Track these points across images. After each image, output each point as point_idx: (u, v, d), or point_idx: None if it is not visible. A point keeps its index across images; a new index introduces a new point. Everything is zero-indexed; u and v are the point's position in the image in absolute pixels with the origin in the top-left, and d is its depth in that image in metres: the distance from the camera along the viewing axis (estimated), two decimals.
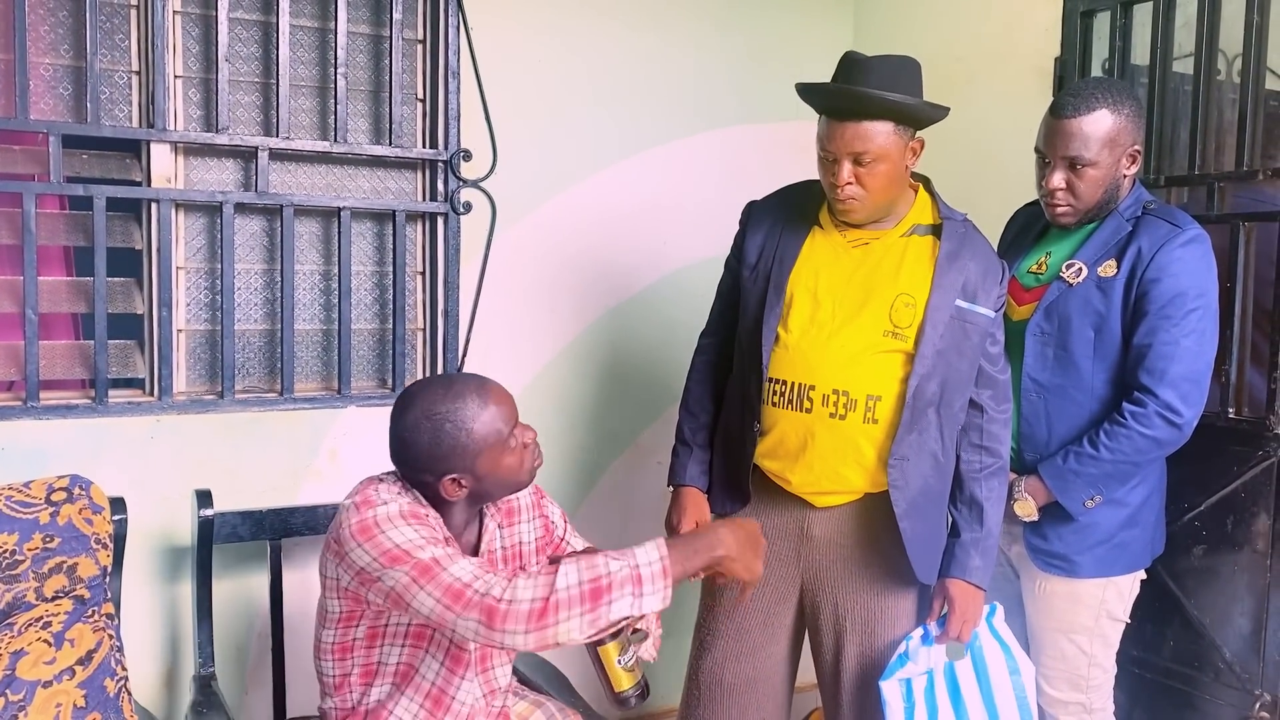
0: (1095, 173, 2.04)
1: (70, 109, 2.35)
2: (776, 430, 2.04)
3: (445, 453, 1.68)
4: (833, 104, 1.94)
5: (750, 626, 2.16)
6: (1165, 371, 1.99)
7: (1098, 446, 2.04)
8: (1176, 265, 2.00)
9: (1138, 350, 2.03)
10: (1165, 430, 2.01)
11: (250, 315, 2.57)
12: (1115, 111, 2.02)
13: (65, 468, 2.17)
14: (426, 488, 1.73)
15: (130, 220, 2.43)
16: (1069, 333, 2.09)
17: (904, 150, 1.95)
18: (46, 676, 1.91)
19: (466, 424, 1.69)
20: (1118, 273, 2.05)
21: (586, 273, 2.92)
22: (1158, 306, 2.00)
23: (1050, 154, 2.07)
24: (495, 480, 1.74)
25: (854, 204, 1.96)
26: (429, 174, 2.71)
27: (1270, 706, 2.20)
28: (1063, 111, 2.03)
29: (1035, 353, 2.13)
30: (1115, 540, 2.12)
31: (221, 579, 2.34)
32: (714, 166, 3.05)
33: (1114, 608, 2.16)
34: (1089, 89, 2.04)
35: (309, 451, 2.54)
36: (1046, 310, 2.11)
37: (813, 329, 2.01)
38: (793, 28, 3.13)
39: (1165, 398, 1.99)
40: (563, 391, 2.91)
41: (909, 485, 2.01)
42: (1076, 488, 2.07)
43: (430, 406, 1.69)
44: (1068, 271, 2.10)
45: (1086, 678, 2.17)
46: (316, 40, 2.60)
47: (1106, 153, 2.03)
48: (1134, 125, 2.05)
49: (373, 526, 1.62)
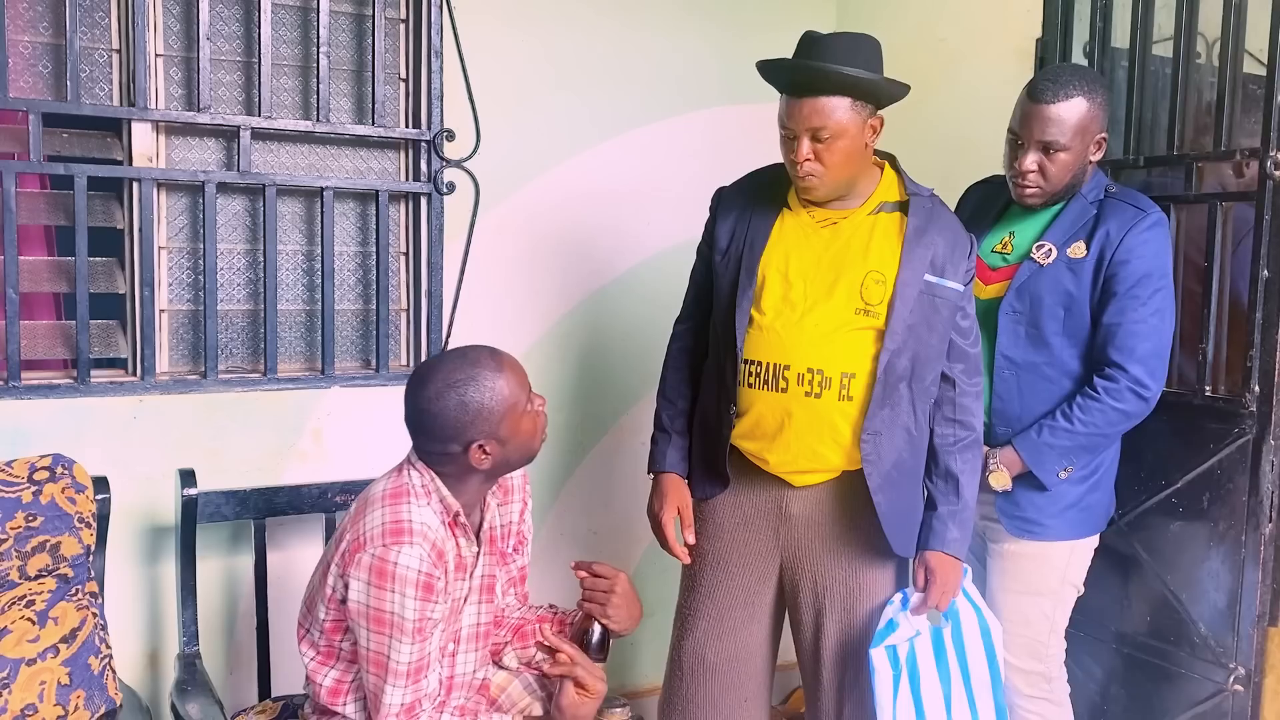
0: (1067, 157, 2.10)
1: (50, 87, 2.33)
2: (753, 411, 2.05)
3: (472, 418, 1.71)
4: (790, 80, 1.97)
5: (731, 606, 2.17)
6: (1134, 349, 2.09)
7: (1071, 420, 2.12)
8: (1143, 247, 2.09)
9: (1107, 328, 2.11)
10: (1135, 403, 2.10)
11: (233, 295, 2.56)
12: (1090, 99, 2.08)
13: (48, 447, 2.16)
14: (451, 460, 1.75)
15: (112, 199, 2.42)
16: (1040, 311, 2.16)
17: (862, 127, 1.96)
18: (30, 654, 1.92)
19: (490, 387, 1.72)
20: (1087, 254, 2.12)
21: (570, 254, 2.93)
22: (1126, 287, 2.09)
23: (1025, 136, 2.11)
24: (516, 445, 1.78)
25: (813, 180, 1.98)
26: (412, 154, 2.71)
27: (1244, 679, 2.24)
28: (1041, 96, 2.08)
29: (1008, 331, 2.19)
30: (1082, 504, 2.21)
31: (205, 558, 2.34)
32: (697, 148, 3.05)
33: (1075, 574, 2.24)
34: (1066, 75, 2.10)
35: (293, 432, 2.54)
36: (1018, 290, 2.17)
37: (786, 309, 2.02)
38: (776, 8, 3.13)
39: (1135, 373, 2.08)
40: (546, 373, 2.91)
41: (882, 459, 2.03)
42: (1050, 459, 2.15)
43: (450, 375, 1.72)
44: (1038, 252, 2.17)
45: (1046, 645, 2.24)
46: (299, 19, 2.58)
47: (1079, 139, 2.09)
48: (1104, 114, 2.12)
49: (388, 578, 1.65)
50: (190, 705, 2.04)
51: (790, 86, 1.97)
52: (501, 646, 2.00)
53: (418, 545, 1.67)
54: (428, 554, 1.67)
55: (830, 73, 1.91)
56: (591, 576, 1.91)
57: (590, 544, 3.00)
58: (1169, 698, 2.35)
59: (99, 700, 2.01)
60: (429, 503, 1.74)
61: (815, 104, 1.92)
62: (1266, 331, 2.21)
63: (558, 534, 2.96)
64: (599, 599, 1.88)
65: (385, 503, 1.72)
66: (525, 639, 1.99)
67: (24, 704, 1.88)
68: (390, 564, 1.65)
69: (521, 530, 2.00)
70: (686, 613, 2.22)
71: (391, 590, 1.64)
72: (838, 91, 1.92)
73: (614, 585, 1.89)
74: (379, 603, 1.65)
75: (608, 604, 1.88)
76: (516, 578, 2.02)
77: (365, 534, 1.69)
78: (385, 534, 1.67)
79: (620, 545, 3.03)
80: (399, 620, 1.65)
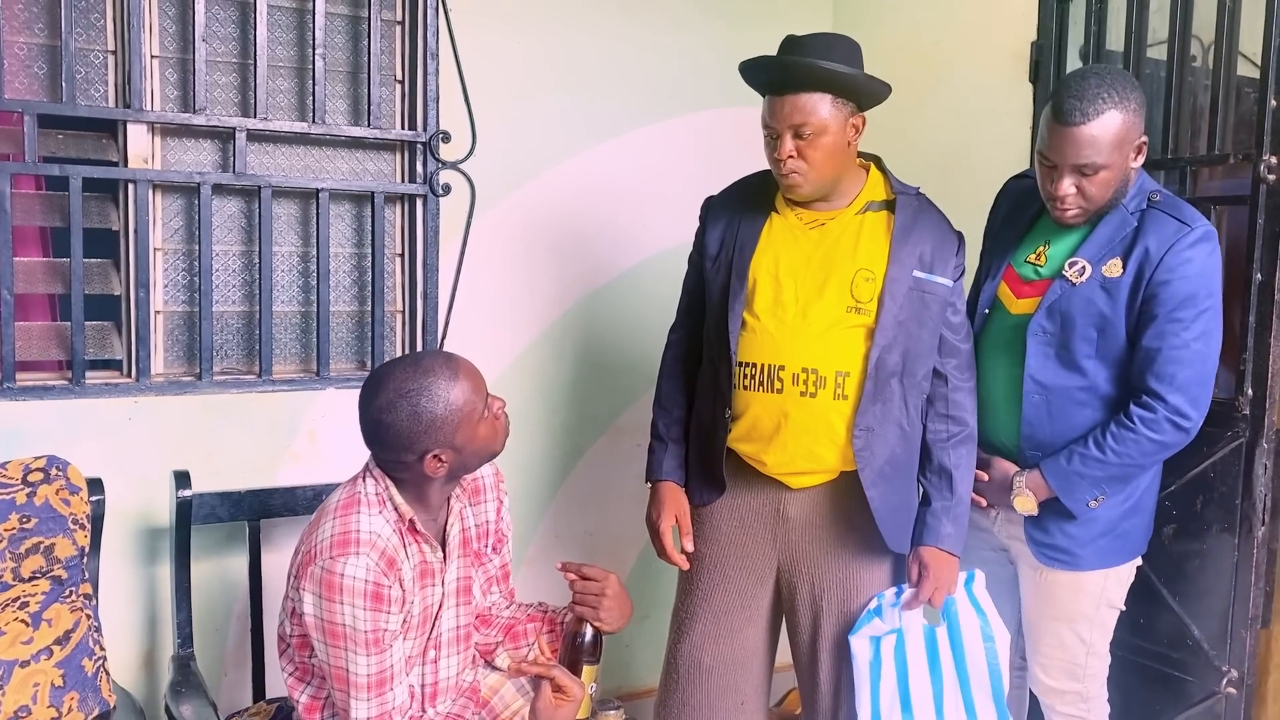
0: (1106, 175, 1.93)
1: (45, 88, 2.33)
2: (749, 413, 2.06)
3: (424, 428, 1.69)
4: (771, 78, 1.99)
5: (728, 609, 2.17)
6: (1175, 376, 1.94)
7: (1104, 450, 1.99)
8: (1186, 266, 1.92)
9: (1146, 353, 1.96)
10: (1173, 434, 1.97)
11: (228, 297, 2.56)
12: (1123, 109, 1.90)
13: (42, 449, 2.16)
14: (406, 469, 1.74)
15: (107, 201, 2.42)
16: (1071, 332, 2.02)
17: (844, 124, 1.98)
18: (24, 656, 1.91)
19: (443, 396, 1.70)
20: (1124, 273, 1.97)
21: (566, 256, 2.93)
22: (1167, 310, 1.93)
23: (1057, 160, 1.94)
24: (473, 451, 1.76)
25: (797, 178, 2.00)
26: (408, 156, 2.71)
27: (1237, 682, 2.24)
28: (1070, 118, 1.90)
29: (1038, 354, 2.05)
30: (1117, 530, 2.09)
31: (200, 560, 2.34)
32: (694, 150, 3.05)
33: (1114, 596, 2.14)
34: (1093, 88, 1.90)
35: (288, 433, 2.54)
36: (1049, 310, 2.04)
37: (778, 310, 2.04)
38: (772, 10, 3.13)
39: (1175, 402, 1.94)
40: (542, 374, 2.92)
41: (875, 456, 2.03)
42: (1080, 489, 2.02)
43: (402, 385, 1.70)
44: (1070, 270, 2.02)
45: (1084, 666, 2.16)
46: (294, 21, 2.58)
47: (1116, 153, 1.91)
48: (1140, 117, 1.93)
49: (336, 590, 1.64)
50: (184, 707, 2.04)
51: (771, 85, 1.99)
52: (493, 647, 2.00)
53: (364, 555, 1.66)
54: (375, 563, 1.66)
55: (810, 68, 1.93)
56: (581, 579, 1.90)
57: (586, 545, 3.00)
58: (1163, 700, 2.36)
59: (93, 702, 2.00)
60: (381, 511, 1.73)
61: (796, 101, 1.95)
62: (1259, 335, 2.21)
63: (553, 536, 2.96)
64: (590, 602, 1.88)
65: (336, 514, 1.72)
66: (517, 639, 2.00)
67: (17, 706, 1.88)
68: (337, 575, 1.64)
69: (500, 528, 2.00)
70: (683, 615, 2.22)
71: (340, 602, 1.64)
72: (817, 88, 1.94)
73: (605, 588, 1.88)
74: (330, 615, 1.65)
75: (600, 607, 1.88)
76: (498, 575, 2.02)
77: (316, 546, 1.69)
78: (333, 545, 1.67)
79: (616, 547, 3.03)
80: (352, 632, 1.64)
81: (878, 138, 2.30)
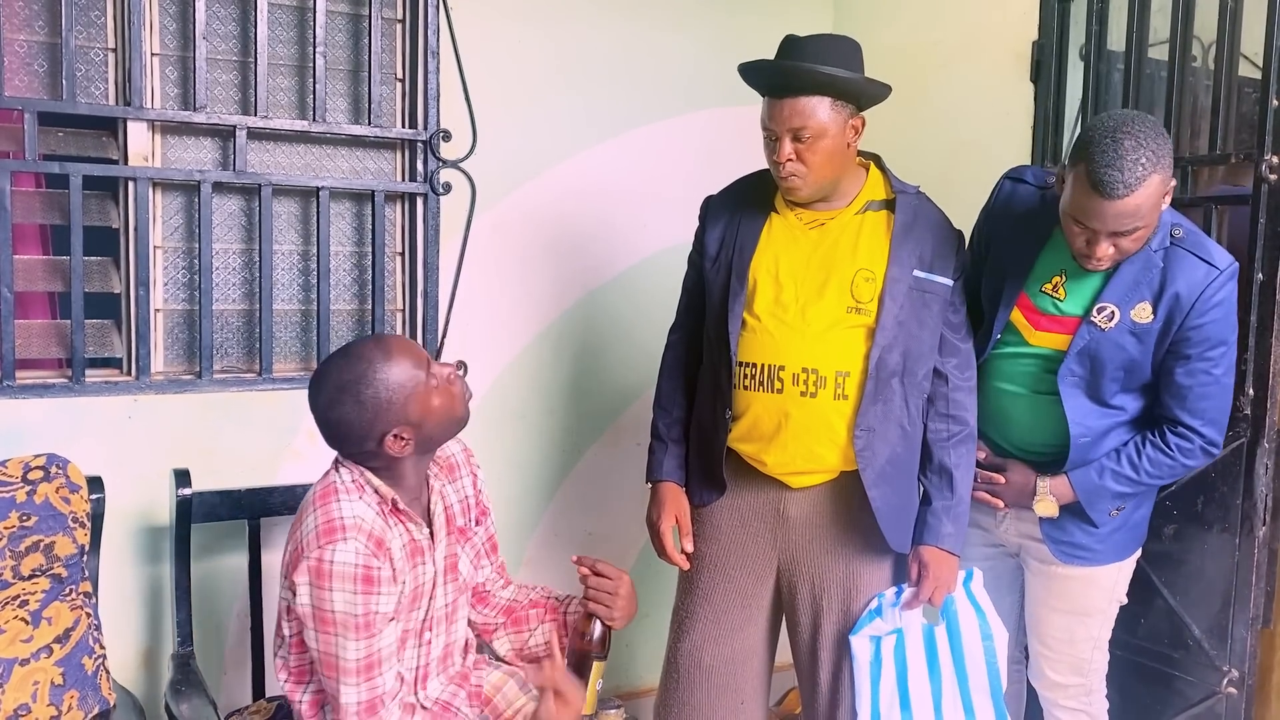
0: (1144, 231, 1.90)
1: (46, 86, 2.33)
2: (750, 413, 2.06)
3: (374, 414, 1.70)
4: (770, 81, 1.99)
5: (728, 608, 2.17)
6: (1207, 411, 2.01)
7: (1139, 471, 2.05)
8: (1217, 309, 1.95)
9: (1179, 389, 2.01)
10: (1203, 459, 2.06)
11: (228, 295, 2.56)
12: (1161, 169, 1.82)
13: (42, 447, 2.16)
14: (374, 456, 1.75)
15: (107, 199, 2.42)
16: (1101, 375, 2.03)
17: (843, 126, 1.98)
18: (24, 654, 1.91)
19: (381, 379, 1.70)
20: (1154, 319, 1.97)
21: (567, 255, 2.93)
22: (1200, 351, 1.97)
23: (1097, 229, 1.87)
24: (434, 423, 1.76)
25: (796, 181, 1.99)
26: (408, 154, 2.70)
27: (1237, 682, 2.24)
28: (1113, 191, 1.80)
29: (1074, 398, 2.06)
30: (1129, 524, 2.15)
31: (200, 558, 2.34)
32: (694, 149, 3.05)
33: (1122, 588, 2.19)
34: (1131, 154, 1.80)
35: (288, 432, 2.54)
36: (1078, 355, 2.03)
37: (778, 310, 2.04)
38: (773, 9, 3.13)
39: (1209, 435, 2.02)
40: (542, 373, 2.91)
41: (876, 455, 2.03)
42: (1106, 500, 2.08)
43: (338, 378, 1.70)
44: (1099, 316, 2.00)
45: (1089, 661, 2.19)
46: (295, 19, 2.58)
47: (1155, 212, 1.87)
48: (1171, 163, 1.86)
49: (326, 577, 1.65)
50: (184, 705, 2.03)
51: (771, 88, 1.99)
52: (493, 628, 2.00)
53: (351, 540, 1.66)
54: (363, 546, 1.67)
55: (809, 72, 1.93)
56: (595, 576, 1.91)
57: (586, 545, 3.00)
58: (1163, 700, 2.36)
59: (92, 700, 2.00)
60: (361, 496, 1.73)
61: (795, 104, 1.94)
62: (1260, 336, 2.21)
63: (553, 535, 2.96)
64: (604, 600, 1.89)
65: (316, 506, 1.72)
66: (519, 624, 2.00)
67: (17, 704, 1.88)
68: (326, 563, 1.65)
69: (481, 501, 2.01)
70: (683, 615, 2.22)
71: (331, 589, 1.64)
72: (817, 91, 1.94)
73: (619, 587, 1.89)
74: (321, 603, 1.65)
75: (613, 605, 1.88)
76: (486, 547, 2.02)
77: (303, 540, 1.69)
78: (319, 535, 1.67)
79: (616, 546, 3.02)
80: (343, 617, 1.65)
81: (878, 137, 2.29)
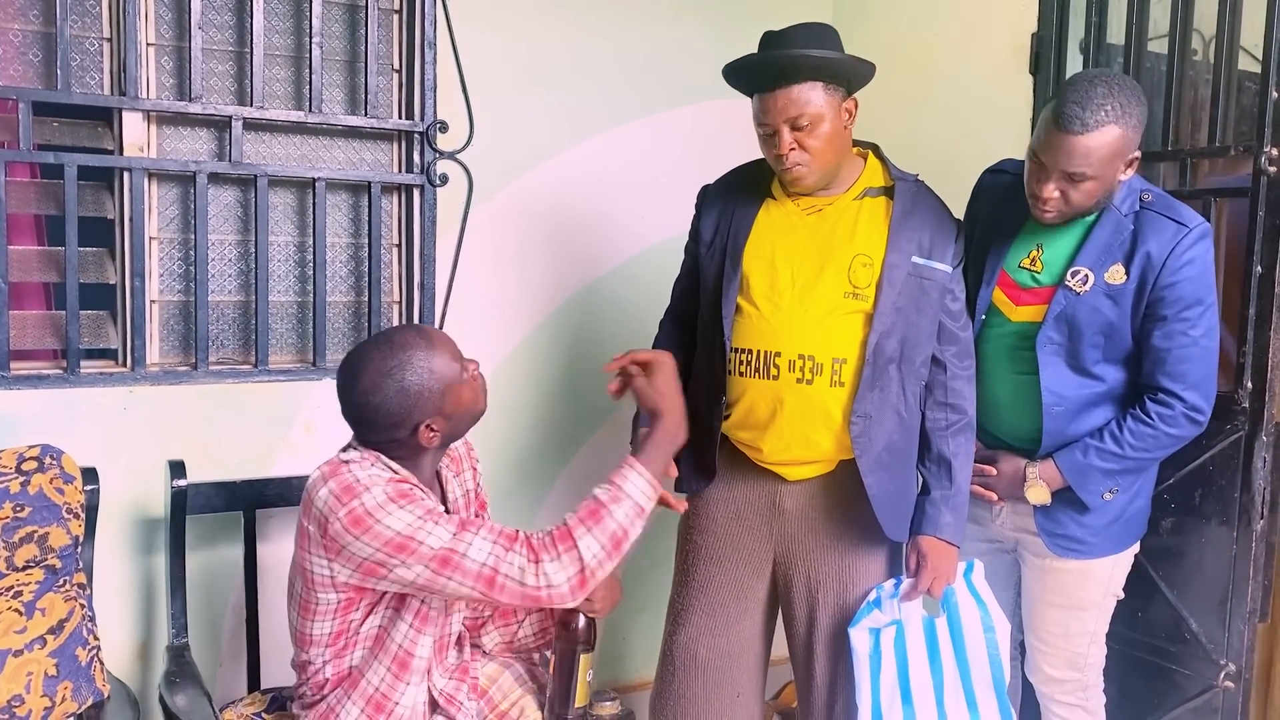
0: (1093, 185, 1.93)
1: (40, 76, 2.32)
2: (745, 400, 2.05)
3: (414, 402, 1.70)
4: (761, 74, 1.97)
5: (724, 601, 2.17)
6: (1187, 374, 1.98)
7: (1121, 445, 2.03)
8: (1189, 268, 1.95)
9: (1156, 352, 2.00)
10: (1189, 428, 2.02)
11: (224, 286, 2.55)
12: (1123, 124, 1.88)
13: (36, 438, 2.15)
14: (399, 445, 1.74)
15: (102, 189, 2.41)
16: (1080, 341, 2.04)
17: (838, 110, 1.97)
18: (17, 645, 1.90)
19: (425, 368, 1.71)
20: (1128, 279, 1.98)
21: (564, 247, 2.92)
22: (1175, 311, 1.97)
23: (1049, 164, 1.93)
24: (461, 415, 1.78)
25: (801, 170, 1.98)
26: (405, 145, 2.69)
27: (1234, 676, 2.24)
28: (1069, 125, 1.87)
29: (1051, 365, 2.06)
30: (1126, 515, 2.12)
31: (195, 550, 2.33)
32: (692, 141, 3.04)
33: (1118, 582, 2.17)
34: (1099, 99, 1.86)
35: (284, 423, 2.53)
36: (1055, 320, 2.04)
37: (774, 296, 2.03)
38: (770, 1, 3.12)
39: (1191, 399, 1.99)
40: (539, 365, 2.91)
41: (873, 442, 2.02)
42: (1095, 481, 2.06)
43: (382, 364, 1.71)
44: (1073, 280, 2.02)
45: (1085, 655, 2.18)
46: (291, 9, 2.57)
47: (1108, 167, 1.91)
48: (1138, 133, 1.92)
49: (365, 518, 1.63)
50: (179, 697, 2.03)
51: (760, 82, 1.97)
52: (481, 622, 2.00)
53: (375, 487, 1.66)
54: (386, 483, 1.67)
55: (800, 58, 1.92)
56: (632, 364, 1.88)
57: None
58: (1160, 693, 2.36)
59: (86, 692, 2.00)
60: (374, 465, 1.72)
61: (789, 94, 1.93)
62: (1259, 328, 2.21)
63: None
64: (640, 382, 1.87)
65: (326, 480, 1.70)
66: (506, 616, 2.00)
67: (10, 695, 1.87)
68: (359, 508, 1.63)
69: (481, 495, 2.02)
70: (679, 607, 2.22)
71: (380, 520, 1.63)
72: (810, 77, 1.93)
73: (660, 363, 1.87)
74: (382, 535, 1.62)
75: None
76: None
77: (325, 513, 1.67)
78: (340, 496, 1.65)
79: None
80: (410, 527, 1.62)
81: (878, 128, 2.29)
